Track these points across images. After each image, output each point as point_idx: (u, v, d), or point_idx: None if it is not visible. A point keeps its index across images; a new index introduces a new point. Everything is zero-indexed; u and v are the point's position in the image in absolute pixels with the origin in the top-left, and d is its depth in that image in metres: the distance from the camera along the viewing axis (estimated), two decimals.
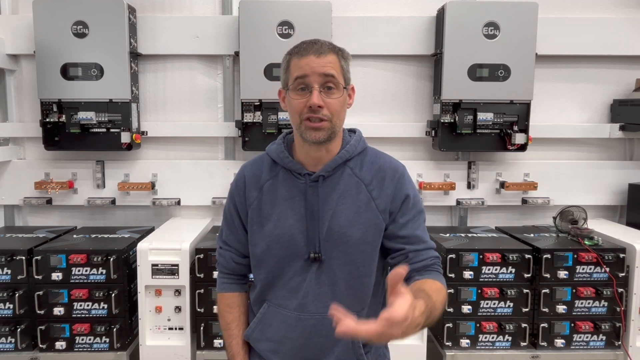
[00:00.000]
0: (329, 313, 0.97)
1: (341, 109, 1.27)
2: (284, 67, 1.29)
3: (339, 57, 1.26)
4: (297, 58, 1.24)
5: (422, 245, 1.32)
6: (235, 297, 1.45)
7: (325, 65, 1.22)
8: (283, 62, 1.30)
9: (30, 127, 2.95)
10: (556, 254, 2.49)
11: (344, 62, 1.27)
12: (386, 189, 1.31)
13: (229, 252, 1.44)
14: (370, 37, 2.95)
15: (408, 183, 1.35)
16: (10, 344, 2.48)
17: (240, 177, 1.40)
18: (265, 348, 1.37)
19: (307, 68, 1.22)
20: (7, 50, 2.89)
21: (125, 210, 3.12)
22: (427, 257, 1.32)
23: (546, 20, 2.87)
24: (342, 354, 1.32)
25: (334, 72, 1.23)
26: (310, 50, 1.23)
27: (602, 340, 2.54)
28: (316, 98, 1.21)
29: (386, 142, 3.00)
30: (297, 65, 1.24)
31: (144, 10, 2.97)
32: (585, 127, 3.08)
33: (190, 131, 3.02)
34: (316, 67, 1.21)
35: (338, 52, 1.27)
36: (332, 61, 1.23)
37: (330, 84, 1.23)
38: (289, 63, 1.27)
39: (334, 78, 1.23)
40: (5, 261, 2.44)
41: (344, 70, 1.27)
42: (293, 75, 1.24)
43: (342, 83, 1.26)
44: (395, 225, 1.32)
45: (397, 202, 1.32)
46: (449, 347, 2.53)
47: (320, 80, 1.22)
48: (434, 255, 1.34)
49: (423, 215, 1.37)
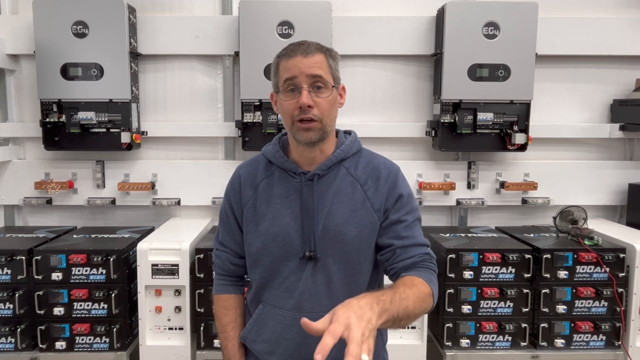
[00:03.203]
0: (324, 311, 0.97)
1: (331, 108, 1.27)
2: (273, 70, 1.30)
3: (326, 57, 1.26)
4: (285, 60, 1.25)
5: (410, 241, 1.30)
6: (231, 298, 1.45)
7: (312, 65, 1.22)
8: (273, 66, 1.31)
9: (30, 127, 2.94)
10: (556, 254, 2.49)
11: (332, 61, 1.28)
12: (381, 189, 1.32)
13: (225, 253, 1.44)
14: (371, 37, 2.95)
15: (402, 182, 1.35)
16: (10, 344, 2.48)
17: (236, 177, 1.41)
18: (262, 349, 1.37)
19: (295, 69, 1.23)
20: (7, 50, 2.89)
21: (125, 210, 3.12)
22: (415, 254, 1.29)
23: (546, 20, 2.87)
24: (339, 354, 1.32)
25: (321, 72, 1.23)
26: (297, 52, 1.24)
27: (602, 340, 2.54)
28: (305, 98, 1.22)
29: (386, 142, 3.01)
30: (285, 67, 1.25)
31: (144, 10, 2.97)
32: (585, 127, 3.08)
33: (190, 131, 3.02)
34: (304, 68, 1.22)
35: (326, 51, 1.27)
36: (319, 61, 1.24)
37: (319, 84, 1.24)
38: (277, 66, 1.28)
39: (322, 78, 1.24)
40: (5, 261, 2.44)
41: (332, 69, 1.27)
42: (282, 77, 1.25)
43: (331, 82, 1.26)
44: (387, 222, 1.32)
45: (390, 201, 1.32)
46: (449, 347, 2.53)
47: (308, 80, 1.23)
48: (424, 252, 1.30)
49: (416, 214, 1.35)
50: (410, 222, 1.32)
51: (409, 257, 1.28)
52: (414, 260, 1.28)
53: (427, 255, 1.31)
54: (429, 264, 1.29)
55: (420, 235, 1.33)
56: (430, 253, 1.32)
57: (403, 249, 1.29)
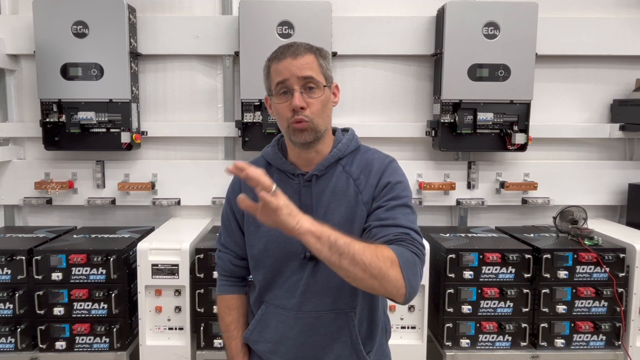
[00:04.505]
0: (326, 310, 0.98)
1: (324, 108, 1.27)
2: (265, 74, 1.31)
3: (316, 57, 1.26)
4: (275, 63, 1.26)
5: (390, 222, 1.21)
6: (234, 299, 1.46)
7: (302, 67, 1.23)
8: (264, 70, 1.31)
9: (30, 127, 2.94)
10: (556, 254, 2.49)
11: (322, 60, 1.27)
12: (371, 180, 1.30)
13: (227, 255, 1.45)
14: (370, 37, 2.95)
15: (392, 171, 1.30)
16: (10, 344, 2.48)
17: (236, 180, 1.41)
18: (264, 349, 1.37)
19: (285, 72, 1.23)
20: (7, 50, 2.89)
21: (125, 210, 3.12)
22: (392, 233, 1.18)
23: (546, 20, 2.87)
24: (342, 352, 1.33)
25: (311, 72, 1.23)
26: (287, 54, 1.24)
27: (602, 340, 2.54)
28: (297, 99, 1.22)
29: (386, 142, 3.00)
30: (276, 70, 1.25)
31: (144, 10, 2.97)
32: (585, 127, 3.08)
33: (190, 131, 3.02)
34: (294, 70, 1.22)
35: (315, 51, 1.27)
36: (309, 62, 1.24)
37: (311, 84, 1.24)
38: (268, 69, 1.29)
39: (313, 78, 1.24)
40: (5, 261, 2.44)
41: (323, 68, 1.27)
42: (274, 80, 1.26)
43: (323, 82, 1.26)
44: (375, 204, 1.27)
45: (378, 189, 1.28)
46: (449, 347, 2.53)
47: (299, 82, 1.23)
48: (402, 232, 1.18)
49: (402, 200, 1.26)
50: (393, 206, 1.23)
51: (384, 235, 1.18)
52: (388, 238, 1.17)
53: (407, 235, 1.18)
54: (408, 244, 1.16)
55: (402, 218, 1.22)
56: (410, 234, 1.19)
57: (380, 229, 1.20)
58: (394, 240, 1.17)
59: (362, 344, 1.33)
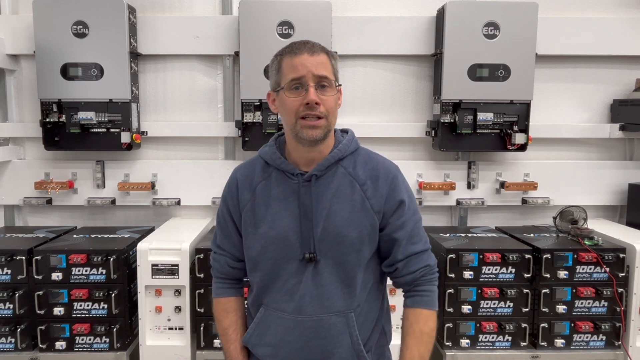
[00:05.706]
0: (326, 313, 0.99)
1: (335, 107, 1.28)
2: (274, 68, 1.30)
3: (329, 57, 1.28)
4: (289, 57, 1.25)
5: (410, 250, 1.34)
6: (231, 301, 1.44)
7: (318, 65, 1.24)
8: (273, 64, 1.30)
9: (30, 127, 2.94)
10: (556, 254, 2.49)
11: (334, 61, 1.29)
12: (380, 189, 1.31)
13: (223, 257, 1.43)
14: (370, 37, 2.95)
15: (402, 185, 1.35)
16: (10, 344, 2.48)
17: (233, 180, 1.40)
18: (264, 352, 1.36)
19: (301, 68, 1.23)
20: (7, 50, 2.89)
21: (125, 210, 3.12)
22: (416, 269, 1.34)
23: (546, 20, 2.87)
24: (343, 354, 1.32)
25: (327, 73, 1.25)
26: (304, 50, 1.24)
27: (602, 340, 2.54)
28: (313, 94, 1.22)
29: (386, 142, 3.00)
30: (291, 64, 1.24)
31: (144, 10, 2.96)
32: (585, 127, 3.07)
33: (190, 131, 3.02)
34: (310, 67, 1.23)
35: (328, 52, 1.29)
36: (324, 61, 1.25)
37: (325, 83, 1.25)
38: (280, 64, 1.28)
39: (327, 78, 1.25)
40: (5, 261, 2.44)
41: (334, 69, 1.29)
42: (287, 75, 1.25)
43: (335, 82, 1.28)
44: (388, 229, 1.32)
45: (390, 205, 1.32)
46: (449, 347, 2.53)
47: (314, 79, 1.23)
48: (424, 265, 1.35)
49: (416, 216, 1.37)
50: (410, 230, 1.34)
51: (409, 272, 1.35)
52: (414, 276, 1.35)
53: (427, 268, 1.36)
54: (430, 277, 1.37)
55: (419, 240, 1.36)
56: (430, 263, 1.37)
57: (404, 264, 1.35)
58: (420, 278, 1.36)
59: (363, 346, 1.33)
